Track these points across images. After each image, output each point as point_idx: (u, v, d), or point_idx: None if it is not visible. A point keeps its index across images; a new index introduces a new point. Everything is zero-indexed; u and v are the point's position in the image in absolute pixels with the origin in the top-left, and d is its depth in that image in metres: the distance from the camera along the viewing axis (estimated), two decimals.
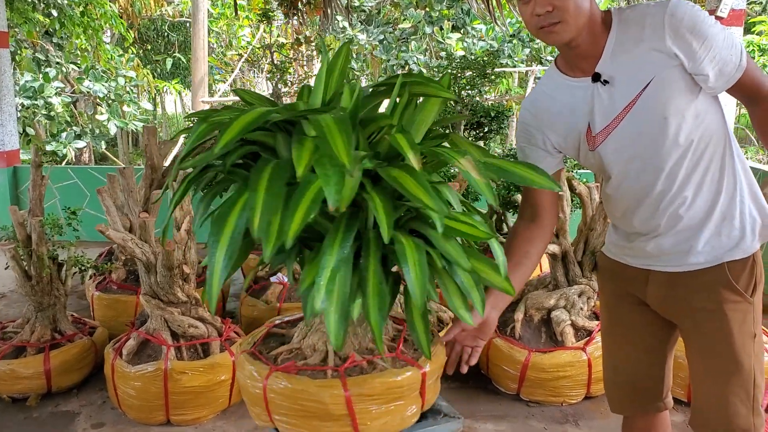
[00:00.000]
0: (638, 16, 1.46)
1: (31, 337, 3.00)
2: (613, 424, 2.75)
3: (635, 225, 1.61)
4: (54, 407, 2.93)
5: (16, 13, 7.88)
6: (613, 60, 1.48)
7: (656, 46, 1.43)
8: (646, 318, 1.70)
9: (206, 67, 11.35)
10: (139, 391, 2.68)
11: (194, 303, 2.88)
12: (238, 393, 2.85)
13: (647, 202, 1.55)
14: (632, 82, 1.46)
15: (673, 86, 1.44)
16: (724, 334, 1.53)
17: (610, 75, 1.49)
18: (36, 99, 8.55)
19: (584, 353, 2.83)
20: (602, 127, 1.53)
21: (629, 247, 1.66)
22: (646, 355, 1.74)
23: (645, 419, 1.80)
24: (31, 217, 3.02)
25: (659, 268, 1.60)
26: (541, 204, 1.66)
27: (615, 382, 1.81)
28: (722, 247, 1.52)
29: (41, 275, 2.98)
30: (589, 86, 1.52)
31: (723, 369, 1.54)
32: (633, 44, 1.45)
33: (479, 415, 2.82)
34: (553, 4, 1.42)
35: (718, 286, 1.53)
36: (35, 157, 3.14)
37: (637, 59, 1.45)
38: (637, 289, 1.68)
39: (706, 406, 1.59)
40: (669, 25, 1.41)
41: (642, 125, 1.48)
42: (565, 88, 1.58)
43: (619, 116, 1.50)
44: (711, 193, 1.51)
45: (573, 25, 1.44)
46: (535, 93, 1.67)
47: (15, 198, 6.29)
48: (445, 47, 9.76)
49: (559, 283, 3.05)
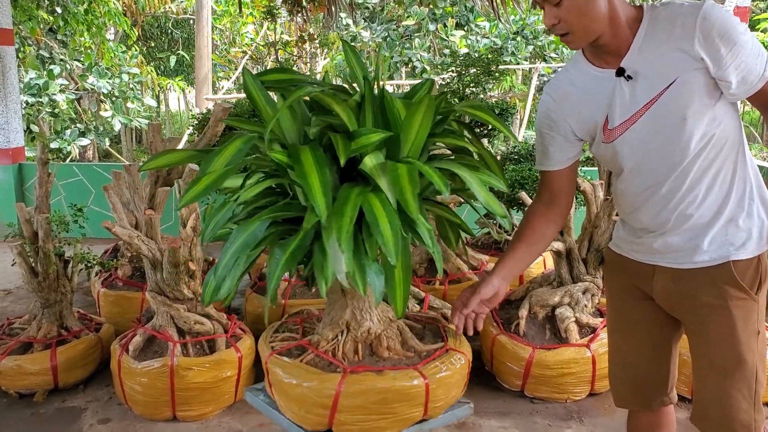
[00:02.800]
0: (670, 14, 1.46)
1: (37, 334, 3.02)
2: (617, 421, 2.76)
3: (644, 221, 1.63)
4: (61, 403, 2.94)
5: (20, 11, 7.89)
6: (639, 56, 1.49)
7: (683, 47, 1.44)
8: (652, 313, 1.71)
9: (210, 64, 11.36)
10: (145, 386, 2.69)
11: (200, 299, 2.89)
12: (243, 388, 2.86)
13: (657, 199, 1.57)
14: (655, 80, 1.48)
15: (695, 89, 1.45)
16: (728, 330, 1.54)
17: (634, 71, 1.50)
18: (40, 96, 8.57)
19: (588, 350, 2.84)
20: (620, 122, 1.55)
21: (637, 242, 1.67)
22: (651, 350, 1.75)
23: (650, 414, 1.81)
24: (38, 214, 3.03)
25: (665, 264, 1.62)
26: (559, 187, 1.72)
27: (620, 376, 1.83)
28: (729, 246, 1.53)
29: (48, 272, 2.99)
30: (612, 79, 1.53)
31: (726, 364, 1.56)
32: (661, 42, 1.46)
33: (483, 411, 2.83)
34: (558, 17, 1.47)
35: (723, 283, 1.54)
36: (42, 155, 3.15)
37: (663, 58, 1.46)
38: (643, 284, 1.70)
39: (708, 401, 1.61)
40: (700, 28, 1.41)
41: (660, 124, 1.49)
42: (588, 77, 1.59)
43: (638, 112, 1.51)
44: (721, 194, 1.53)
45: (582, 34, 1.48)
46: (558, 79, 1.69)
47: (21, 195, 6.30)
48: (448, 44, 9.75)
49: (564, 280, 3.06)
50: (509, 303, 3.18)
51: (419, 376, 1.80)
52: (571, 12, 1.45)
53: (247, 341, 2.88)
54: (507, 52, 9.70)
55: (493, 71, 4.23)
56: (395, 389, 1.76)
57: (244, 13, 12.02)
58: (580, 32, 1.48)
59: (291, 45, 6.54)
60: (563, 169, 1.70)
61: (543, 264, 4.08)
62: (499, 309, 3.13)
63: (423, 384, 1.79)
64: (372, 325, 1.86)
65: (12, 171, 6.25)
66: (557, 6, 1.46)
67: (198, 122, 4.49)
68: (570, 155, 1.70)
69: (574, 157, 1.71)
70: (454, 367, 1.87)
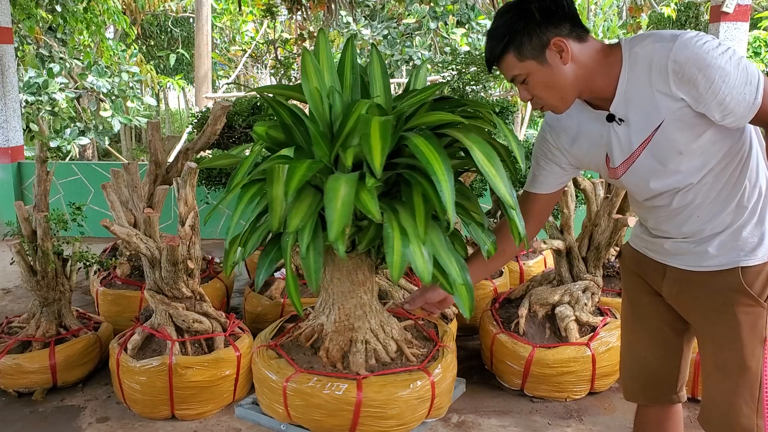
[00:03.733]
0: (646, 56, 1.42)
1: (36, 332, 3.01)
2: (617, 420, 2.75)
3: (653, 228, 1.66)
4: (59, 401, 2.94)
5: (19, 9, 7.87)
6: (626, 101, 1.48)
7: (663, 90, 1.41)
8: (665, 310, 1.72)
9: (210, 62, 11.35)
10: (144, 385, 2.68)
11: (198, 298, 2.88)
12: (242, 388, 2.86)
13: (666, 213, 1.59)
14: (645, 123, 1.47)
15: (684, 126, 1.43)
16: (734, 335, 1.54)
17: (624, 115, 1.50)
18: (40, 95, 8.55)
19: (588, 349, 2.83)
20: (620, 162, 1.56)
21: (650, 241, 1.69)
22: (663, 347, 1.76)
23: (658, 410, 1.82)
24: (36, 212, 3.02)
25: (676, 265, 1.63)
26: (539, 209, 1.74)
27: (631, 370, 1.84)
28: (738, 252, 1.53)
29: (46, 270, 2.99)
30: (606, 122, 1.54)
31: (730, 369, 1.56)
32: (642, 86, 1.44)
33: (483, 410, 2.82)
34: (531, 93, 1.51)
35: (731, 289, 1.54)
36: (40, 153, 3.14)
37: (647, 101, 1.44)
38: (654, 282, 1.72)
39: (712, 403, 1.61)
40: (673, 72, 1.37)
41: (658, 159, 1.50)
42: (585, 114, 1.59)
43: (635, 153, 1.52)
44: (730, 206, 1.52)
45: (557, 103, 1.51)
46: None
47: (20, 194, 6.30)
48: (449, 42, 9.74)
49: (564, 278, 3.05)
50: (509, 302, 3.17)
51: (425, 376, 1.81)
52: (537, 87, 1.48)
53: (246, 340, 2.87)
54: None
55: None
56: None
57: (244, 11, 12.00)
58: (554, 103, 1.51)
59: (290, 43, 6.52)
60: (549, 193, 1.73)
61: (543, 262, 4.07)
62: (499, 308, 3.13)
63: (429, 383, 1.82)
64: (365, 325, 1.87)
65: (11, 170, 6.25)
66: (524, 84, 1.49)
67: (197, 120, 4.47)
68: (561, 181, 1.72)
69: (563, 183, 1.73)
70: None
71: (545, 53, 1.44)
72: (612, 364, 2.87)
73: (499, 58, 1.49)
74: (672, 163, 1.49)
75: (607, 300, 3.26)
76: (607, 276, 3.44)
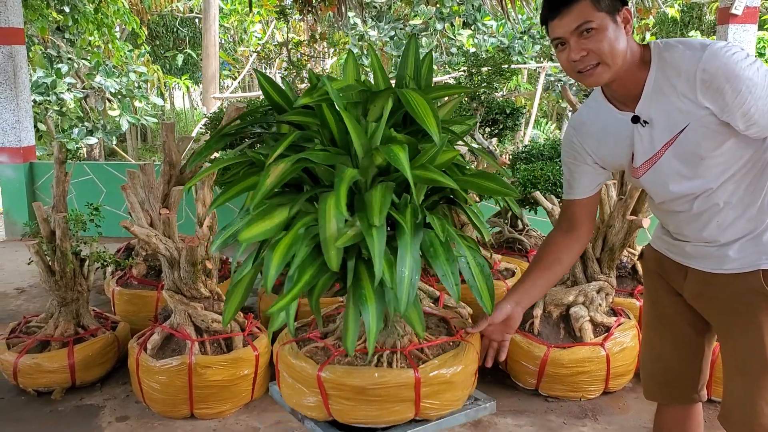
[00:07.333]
0: (675, 60, 1.45)
1: (55, 332, 3.04)
2: (632, 420, 2.77)
3: (674, 232, 1.68)
4: (78, 401, 2.97)
5: (30, 10, 7.92)
6: (651, 103, 1.50)
7: (689, 96, 1.43)
8: (687, 311, 1.74)
9: (217, 63, 11.39)
10: (163, 385, 2.71)
11: (216, 298, 2.91)
12: (260, 387, 2.88)
13: (686, 219, 1.61)
14: (668, 126, 1.49)
15: (707, 132, 1.46)
16: (755, 338, 1.56)
17: (648, 117, 1.52)
18: (48, 95, 8.61)
19: (603, 349, 2.85)
20: (643, 162, 1.58)
21: (672, 243, 1.71)
22: (684, 346, 1.78)
23: (678, 409, 1.84)
24: (55, 213, 3.06)
25: (697, 267, 1.65)
26: (579, 216, 1.75)
27: (652, 370, 1.86)
28: (760, 255, 1.55)
29: (65, 270, 3.02)
30: (630, 122, 1.56)
31: (752, 370, 1.57)
32: (669, 90, 1.46)
33: (499, 409, 2.84)
34: (586, 48, 1.45)
35: (752, 292, 1.55)
36: (59, 154, 3.17)
37: (673, 105, 1.47)
38: (676, 283, 1.73)
39: (733, 402, 1.63)
40: (701, 81, 1.40)
41: (680, 162, 1.52)
42: (610, 116, 1.61)
43: (658, 154, 1.54)
44: (752, 211, 1.54)
45: (611, 65, 1.46)
46: (581, 113, 1.71)
47: (32, 193, 6.34)
48: (456, 43, 9.76)
49: (578, 279, 3.07)
50: None
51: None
52: (602, 40, 1.43)
53: (264, 340, 2.89)
54: (514, 51, 9.72)
55: (504, 71, 4.23)
56: None
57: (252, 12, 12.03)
58: (609, 62, 1.45)
59: (302, 45, 6.55)
60: (587, 197, 1.74)
61: None
62: None
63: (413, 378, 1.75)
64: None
65: (23, 170, 6.28)
66: (586, 37, 1.44)
67: (210, 121, 4.51)
68: (597, 182, 1.73)
69: (600, 185, 1.74)
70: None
71: (617, 15, 1.45)
72: (626, 364, 2.90)
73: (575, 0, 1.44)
74: (693, 168, 1.51)
75: (620, 300, 3.27)
76: (619, 277, 3.45)
